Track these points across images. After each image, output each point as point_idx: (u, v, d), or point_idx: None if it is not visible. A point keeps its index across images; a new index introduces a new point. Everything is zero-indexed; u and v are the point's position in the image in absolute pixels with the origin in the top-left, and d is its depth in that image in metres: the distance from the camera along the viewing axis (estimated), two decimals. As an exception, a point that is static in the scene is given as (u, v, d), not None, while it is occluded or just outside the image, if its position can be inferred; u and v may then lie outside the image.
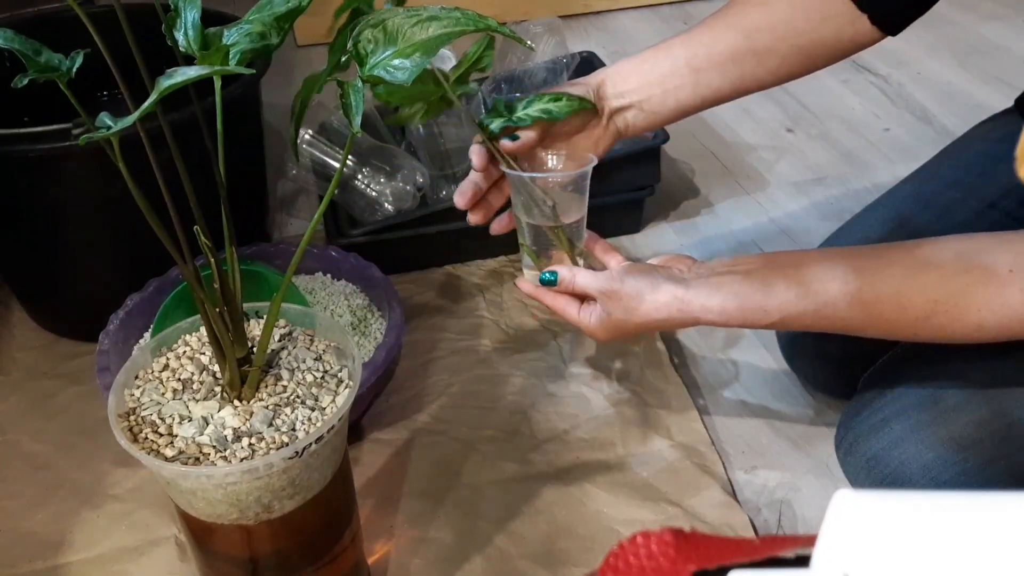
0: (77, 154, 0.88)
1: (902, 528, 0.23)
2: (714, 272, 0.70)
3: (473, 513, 0.82)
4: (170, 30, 0.54)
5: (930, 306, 0.62)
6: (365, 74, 0.53)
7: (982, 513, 0.22)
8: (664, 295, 0.68)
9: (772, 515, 0.83)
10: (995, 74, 1.59)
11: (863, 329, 0.66)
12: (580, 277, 0.73)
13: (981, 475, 0.68)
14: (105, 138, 0.49)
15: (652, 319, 0.69)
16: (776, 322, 0.67)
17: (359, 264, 0.99)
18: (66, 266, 1.01)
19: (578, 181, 0.76)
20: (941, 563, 0.22)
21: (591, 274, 0.72)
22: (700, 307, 0.68)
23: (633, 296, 0.69)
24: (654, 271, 0.71)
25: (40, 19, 1.13)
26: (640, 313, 0.69)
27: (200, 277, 0.56)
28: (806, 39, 0.75)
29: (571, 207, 0.77)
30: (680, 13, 1.98)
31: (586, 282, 0.72)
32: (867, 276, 0.64)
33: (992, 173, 0.84)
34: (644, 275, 0.70)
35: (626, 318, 0.70)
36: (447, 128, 1.20)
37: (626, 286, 0.69)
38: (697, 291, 0.68)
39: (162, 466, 0.53)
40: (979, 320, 0.61)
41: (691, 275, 0.70)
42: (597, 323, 0.72)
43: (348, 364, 0.62)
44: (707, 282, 0.69)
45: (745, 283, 0.67)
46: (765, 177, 1.36)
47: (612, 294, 0.70)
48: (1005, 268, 0.59)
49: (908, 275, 0.63)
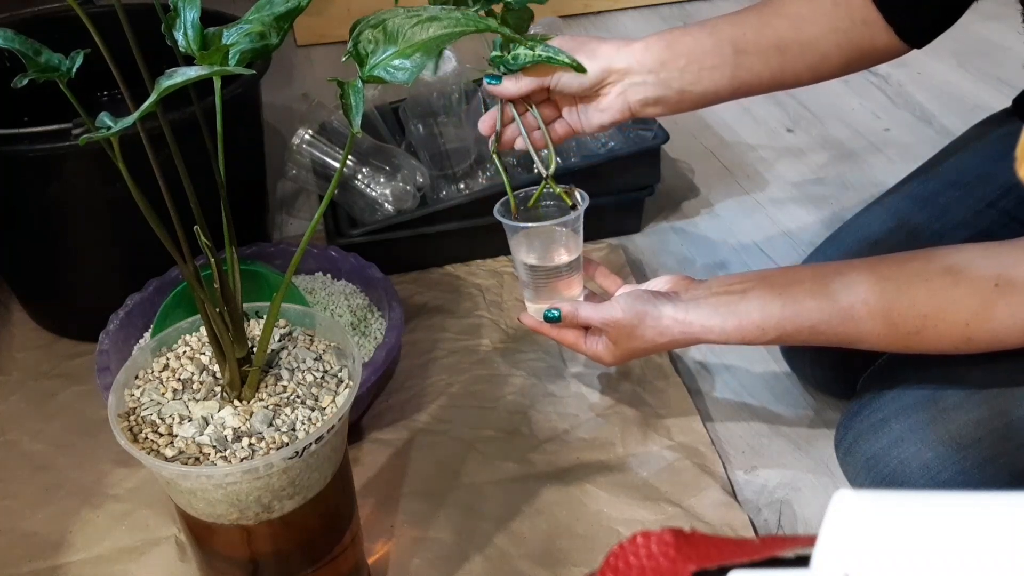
0: (77, 154, 0.88)
1: (902, 528, 0.23)
2: (711, 292, 0.72)
3: (473, 513, 0.82)
4: (170, 30, 0.54)
5: (920, 321, 0.63)
6: (365, 74, 0.53)
7: (981, 512, 0.22)
8: (666, 320, 0.71)
9: (772, 515, 0.83)
10: (995, 74, 1.59)
11: (857, 343, 0.68)
12: (583, 311, 0.75)
13: (980, 474, 0.68)
14: (105, 138, 0.49)
15: (656, 343, 0.72)
16: (773, 340, 0.70)
17: (359, 264, 0.99)
18: (66, 266, 1.01)
19: (572, 222, 0.78)
20: (941, 562, 0.22)
21: (592, 307, 0.74)
22: (701, 328, 0.71)
23: (636, 324, 0.72)
24: (654, 297, 0.73)
25: (40, 19, 1.13)
26: (644, 339, 0.72)
27: (200, 277, 0.56)
28: (845, 38, 0.74)
29: (568, 247, 0.79)
30: (680, 13, 1.98)
31: (589, 315, 0.74)
32: (859, 292, 0.66)
33: (991, 173, 0.84)
34: (644, 302, 0.72)
35: (631, 345, 0.73)
36: (447, 128, 1.20)
37: (627, 315, 0.72)
38: (697, 313, 0.71)
39: (162, 466, 0.53)
40: (968, 334, 0.62)
41: (688, 297, 0.73)
42: (604, 351, 0.76)
43: (348, 364, 0.62)
44: (706, 303, 0.71)
45: (742, 303, 0.69)
46: (765, 177, 1.36)
47: (614, 324, 0.72)
48: (991, 282, 0.60)
49: (898, 290, 0.64)
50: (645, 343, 0.73)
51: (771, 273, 0.72)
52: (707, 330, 0.70)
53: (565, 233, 0.79)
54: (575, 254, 0.80)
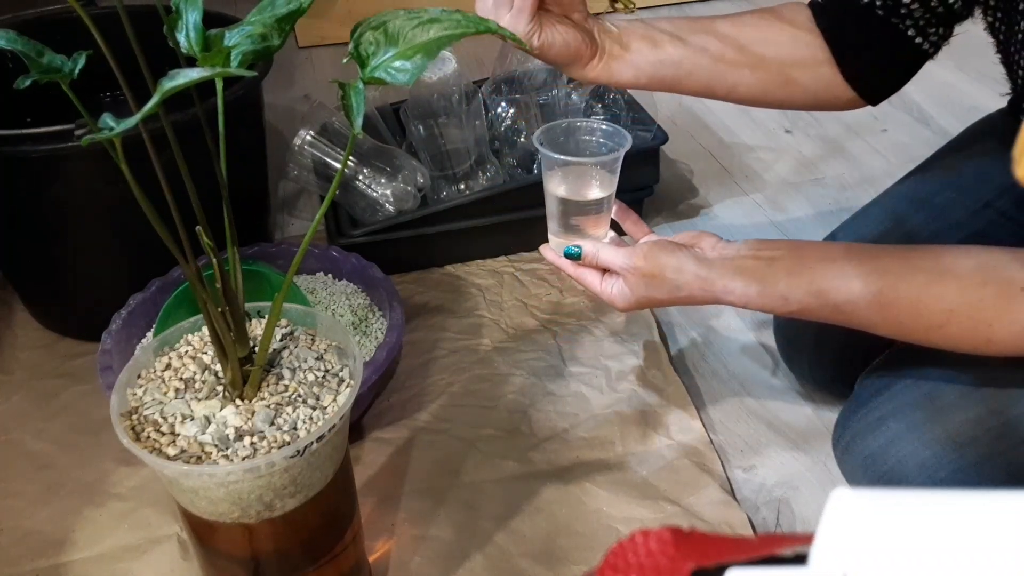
0: (80, 155, 0.88)
1: (899, 526, 0.23)
2: (739, 255, 0.70)
3: (473, 511, 0.82)
4: (172, 32, 0.55)
5: (945, 316, 0.62)
6: (366, 76, 0.54)
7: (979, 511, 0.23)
8: (687, 275, 0.70)
9: (770, 513, 0.83)
10: (992, 75, 1.59)
11: (877, 328, 0.67)
12: (604, 253, 0.74)
13: (977, 472, 0.68)
14: (108, 139, 0.49)
15: (674, 296, 0.71)
16: (795, 311, 0.68)
17: (360, 264, 1.00)
18: (69, 266, 1.01)
19: (609, 163, 0.78)
20: (938, 561, 0.22)
21: (614, 249, 0.73)
22: (722, 288, 0.69)
23: (656, 274, 0.70)
24: (679, 249, 0.71)
25: (43, 20, 1.13)
26: (663, 289, 0.71)
27: (202, 277, 0.57)
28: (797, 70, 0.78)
29: (603, 183, 0.79)
30: (679, 14, 1.98)
31: (609, 258, 0.73)
32: (890, 278, 0.64)
33: (987, 173, 0.84)
34: (668, 253, 0.71)
35: (647, 294, 0.72)
36: (447, 129, 1.20)
37: (649, 263, 0.71)
38: (721, 272, 0.69)
39: (164, 465, 0.54)
40: (989, 335, 0.61)
41: (715, 255, 0.71)
42: (618, 295, 0.74)
43: (349, 363, 0.62)
44: (732, 263, 0.69)
45: (769, 271, 0.68)
46: (763, 178, 1.36)
47: (635, 270, 0.71)
48: (1018, 286, 0.60)
49: (929, 282, 0.63)
50: (662, 294, 0.71)
51: (803, 245, 0.70)
52: (728, 291, 0.69)
53: (600, 171, 0.78)
54: (608, 191, 0.79)
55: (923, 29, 0.75)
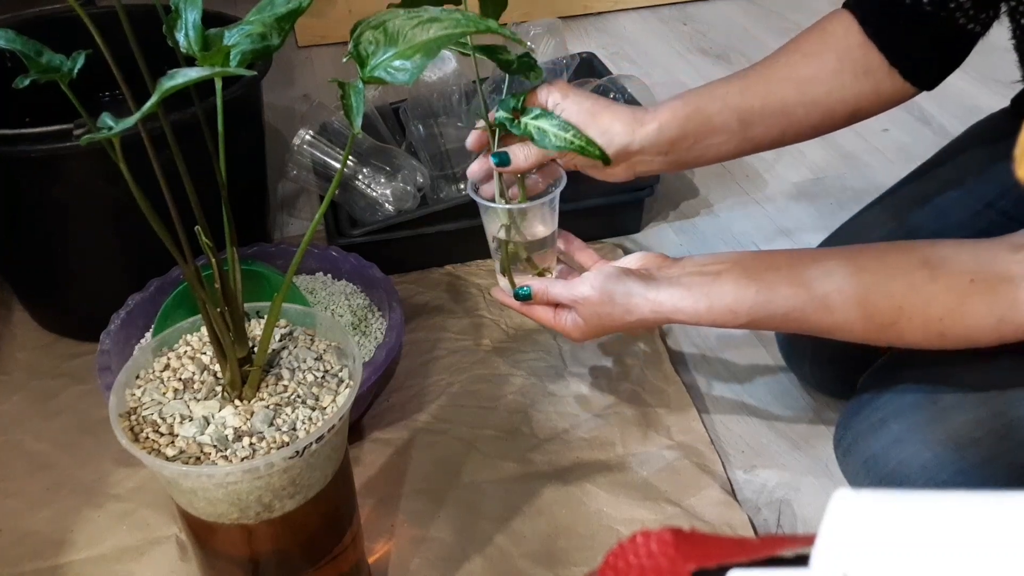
0: (79, 154, 0.88)
1: (901, 528, 0.23)
2: (685, 272, 0.71)
3: (473, 512, 0.82)
4: (171, 31, 0.55)
5: (895, 313, 0.63)
6: (366, 75, 0.54)
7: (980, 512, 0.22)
8: (636, 298, 0.70)
9: (771, 514, 0.83)
10: (993, 75, 1.59)
11: (832, 332, 0.67)
12: (553, 289, 0.75)
13: (979, 474, 0.68)
14: (107, 139, 0.49)
15: (625, 321, 0.72)
16: (745, 324, 0.69)
17: (359, 264, 0.99)
18: (67, 266, 1.01)
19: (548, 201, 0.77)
20: (940, 562, 0.22)
21: (563, 283, 0.74)
22: (672, 308, 0.70)
23: (605, 302, 0.71)
24: (626, 275, 0.72)
25: (41, 20, 1.13)
26: (613, 317, 0.72)
27: (201, 277, 0.57)
28: (850, 93, 0.75)
29: (545, 221, 0.78)
30: (679, 14, 1.98)
31: (558, 293, 0.74)
32: (835, 281, 0.65)
33: (989, 173, 0.84)
34: (615, 280, 0.71)
35: (601, 322, 0.73)
36: (447, 128, 1.20)
37: (597, 292, 0.71)
38: (669, 293, 0.70)
39: (163, 466, 0.54)
40: (941, 329, 0.62)
41: (661, 276, 0.72)
42: (572, 327, 0.75)
43: (349, 364, 0.62)
44: (678, 283, 0.70)
45: (715, 285, 0.68)
46: (764, 177, 1.36)
47: (585, 301, 0.72)
48: (967, 278, 0.60)
49: (876, 282, 0.63)
50: (614, 321, 0.72)
51: (747, 256, 0.71)
52: (678, 310, 0.69)
53: (539, 209, 0.78)
54: (551, 228, 0.79)
55: (973, 16, 0.74)
